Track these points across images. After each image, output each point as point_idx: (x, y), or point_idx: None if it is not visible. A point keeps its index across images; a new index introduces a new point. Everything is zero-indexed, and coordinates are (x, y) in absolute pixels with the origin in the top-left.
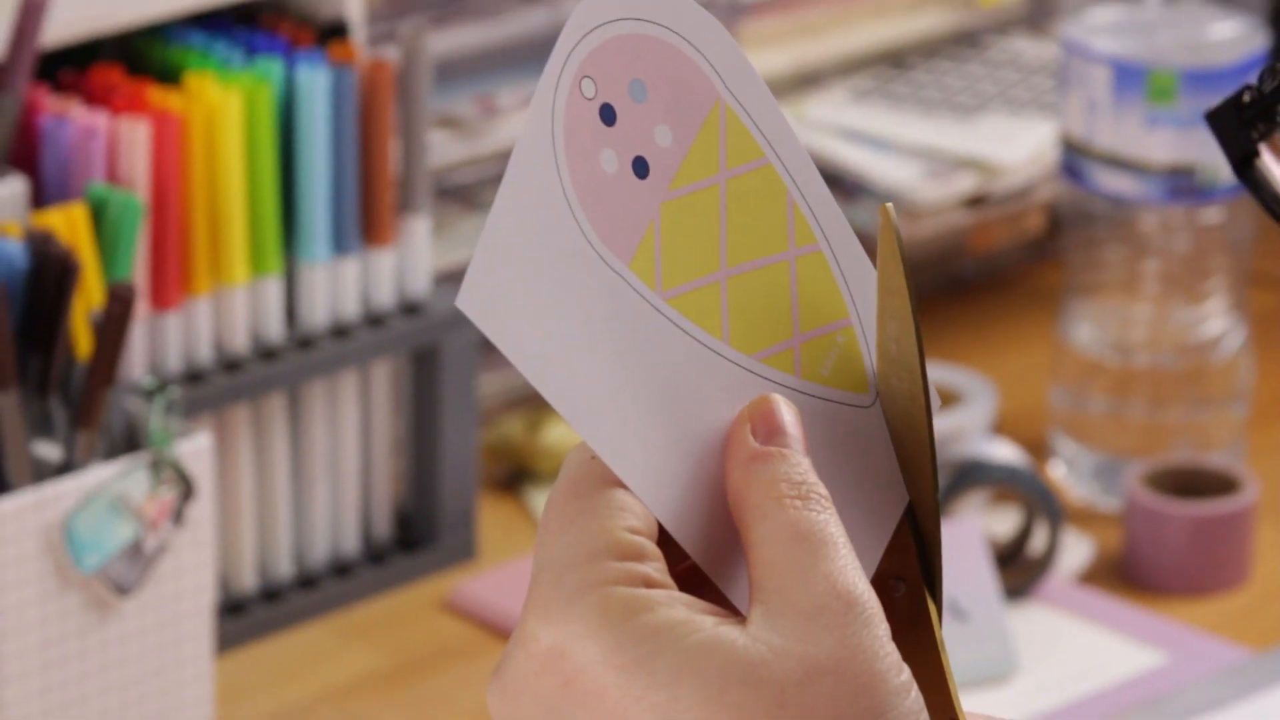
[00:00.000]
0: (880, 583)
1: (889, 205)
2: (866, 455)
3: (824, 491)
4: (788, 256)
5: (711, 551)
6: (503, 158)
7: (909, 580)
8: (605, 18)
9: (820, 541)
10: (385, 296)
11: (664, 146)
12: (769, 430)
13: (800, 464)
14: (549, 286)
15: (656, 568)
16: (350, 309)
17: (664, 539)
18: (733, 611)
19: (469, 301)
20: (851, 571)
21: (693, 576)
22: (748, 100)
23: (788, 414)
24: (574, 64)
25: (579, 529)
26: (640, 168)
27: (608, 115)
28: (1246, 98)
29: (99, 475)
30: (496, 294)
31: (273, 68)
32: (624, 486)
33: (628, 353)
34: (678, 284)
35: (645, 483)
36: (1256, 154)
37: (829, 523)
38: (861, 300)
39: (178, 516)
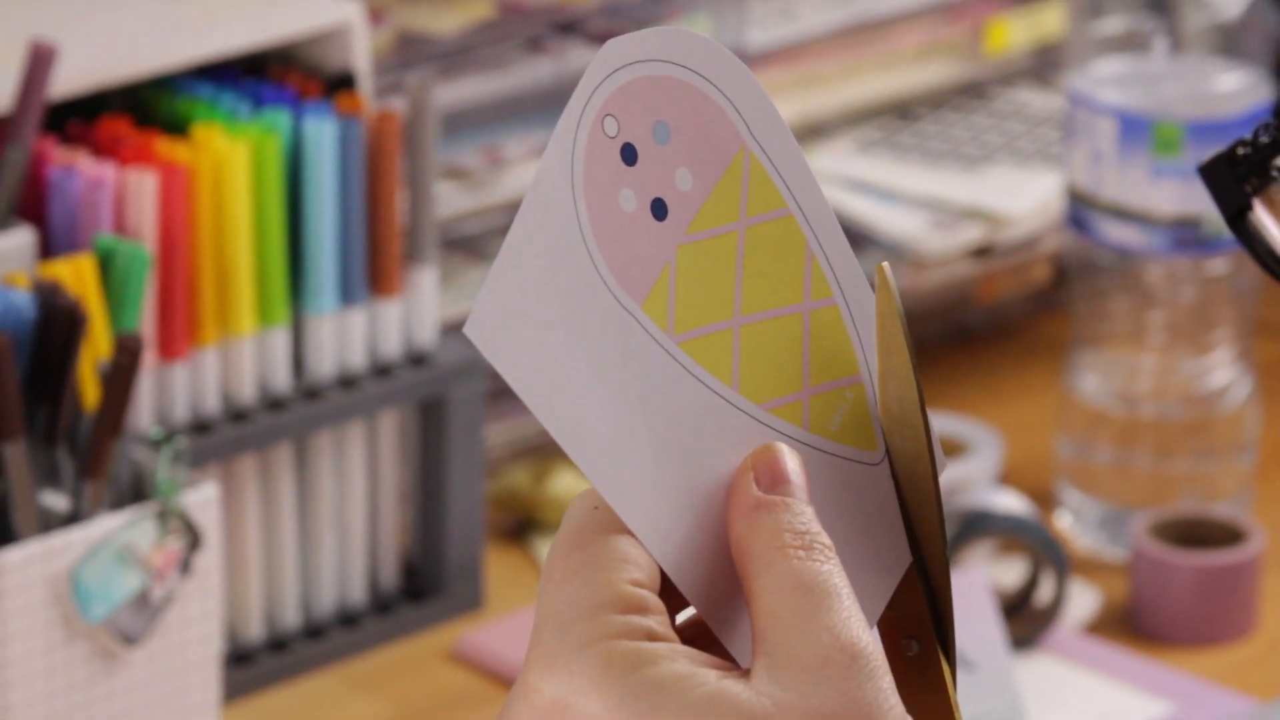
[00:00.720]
0: (893, 642)
1: (885, 265)
2: (872, 512)
3: (827, 541)
4: (802, 309)
5: (713, 601)
6: (510, 209)
7: (922, 639)
8: (632, 58)
9: (824, 593)
10: (392, 347)
11: (684, 190)
12: (772, 479)
13: (804, 513)
14: (560, 321)
15: (659, 621)
16: (357, 359)
17: (665, 587)
18: (736, 664)
19: (477, 329)
20: (855, 623)
21: (693, 625)
22: (773, 150)
23: (791, 462)
24: (598, 101)
25: (582, 581)
26: (659, 209)
27: (629, 155)
28: (1240, 151)
29: (106, 525)
30: (505, 324)
31: (280, 119)
32: (627, 535)
33: (636, 394)
34: (690, 328)
35: (648, 527)
36: (1250, 207)
37: (832, 573)
38: (874, 358)
39: (185, 566)
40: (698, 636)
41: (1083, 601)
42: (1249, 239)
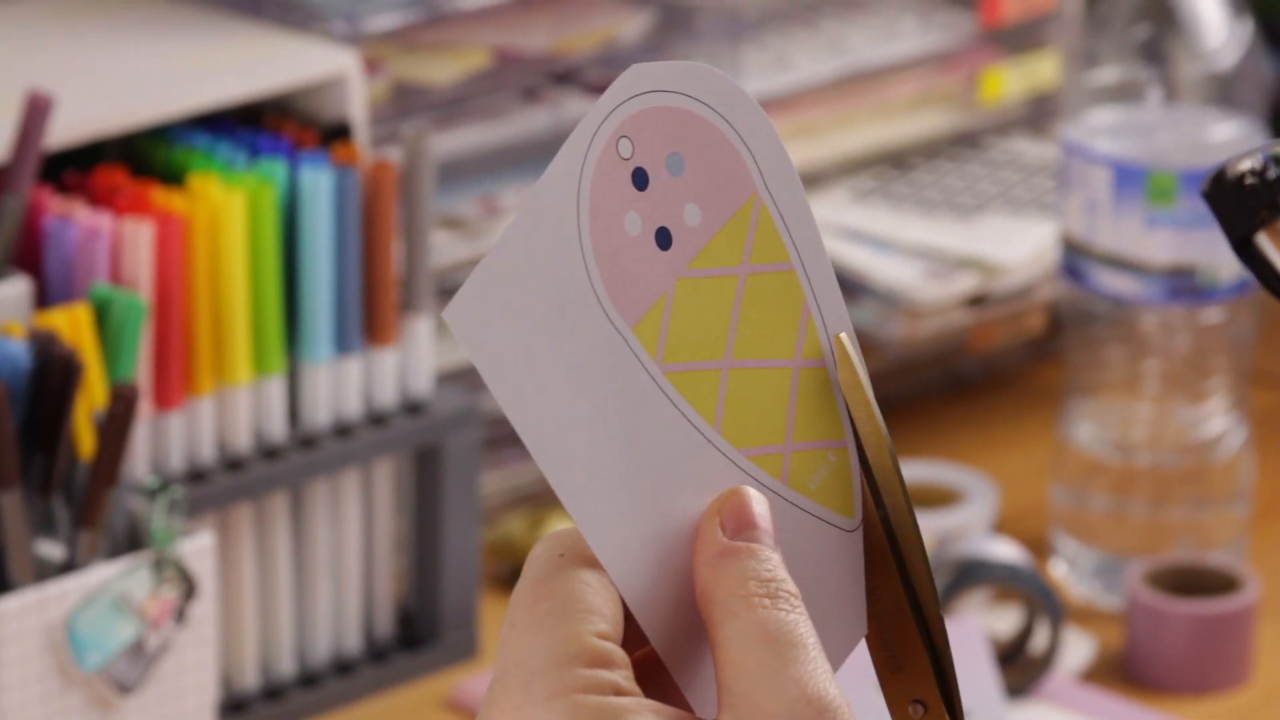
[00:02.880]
0: (900, 706)
1: (844, 336)
2: (839, 575)
3: (794, 589)
4: (793, 365)
5: (675, 645)
6: None
7: (928, 702)
8: (656, 86)
9: (789, 643)
10: (388, 396)
11: (691, 225)
12: (739, 524)
13: (770, 559)
14: (545, 325)
15: (624, 675)
16: (353, 408)
17: (628, 625)
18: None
19: (457, 315)
20: (822, 675)
21: (649, 658)
22: (784, 204)
23: (759, 507)
24: (615, 120)
25: (547, 632)
26: (664, 238)
27: (640, 180)
28: (1249, 182)
29: (101, 574)
30: (488, 315)
31: (276, 169)
32: (591, 584)
33: (615, 412)
34: (679, 360)
35: (612, 553)
36: (1256, 232)
37: (798, 623)
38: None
39: (180, 615)
40: (656, 671)
41: (1078, 650)
42: (1255, 263)
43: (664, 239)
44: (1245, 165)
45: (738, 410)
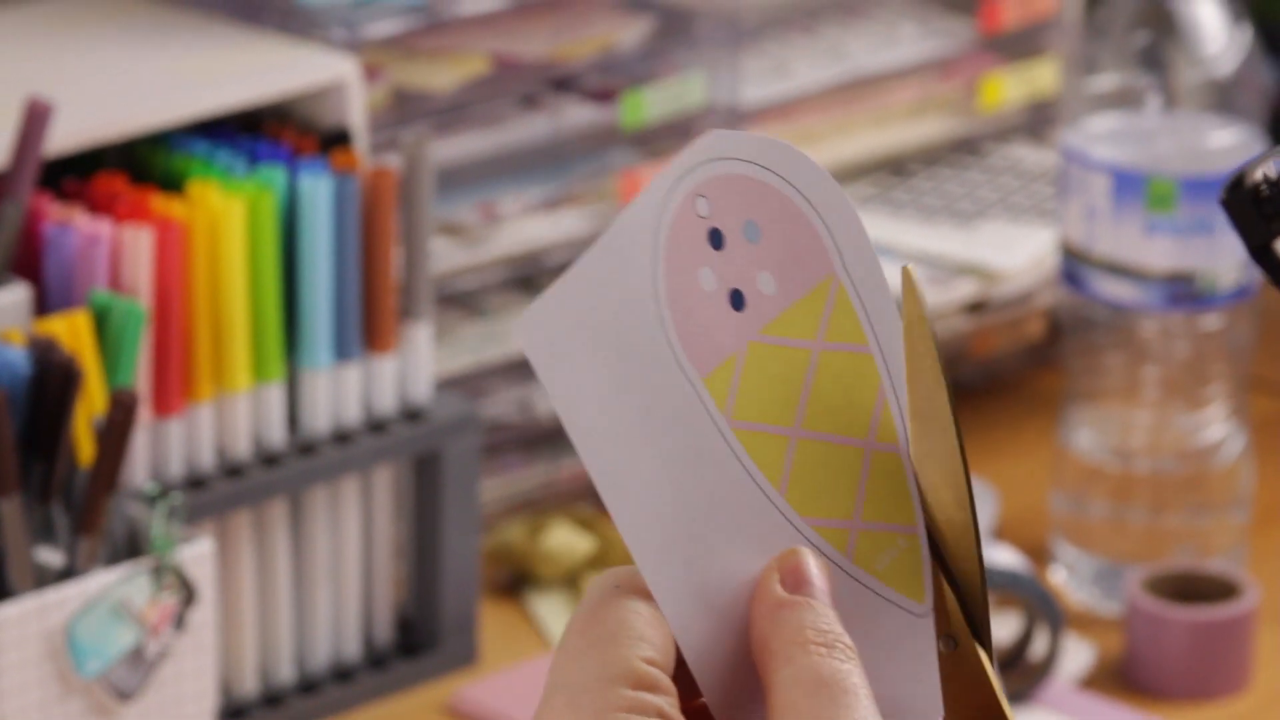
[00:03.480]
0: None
1: (911, 267)
2: (907, 659)
3: (850, 643)
4: (865, 445)
5: (724, 694)
6: (505, 264)
7: (958, 638)
8: (736, 154)
9: (843, 690)
10: (387, 402)
11: (765, 293)
12: (796, 581)
13: (826, 614)
14: (616, 357)
15: (669, 702)
16: (352, 415)
17: (677, 674)
18: None
19: (528, 330)
20: None
21: (701, 716)
22: (864, 288)
23: (815, 568)
24: (694, 179)
25: (597, 654)
26: (737, 300)
27: (716, 239)
28: (1264, 192)
29: (101, 581)
30: (557, 336)
31: (275, 176)
32: (645, 614)
33: (680, 456)
34: (748, 419)
35: (666, 594)
36: (1274, 239)
37: (852, 673)
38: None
39: (179, 622)
40: None
41: (1077, 656)
42: (1274, 268)
43: (737, 300)
44: (1260, 173)
45: (804, 479)
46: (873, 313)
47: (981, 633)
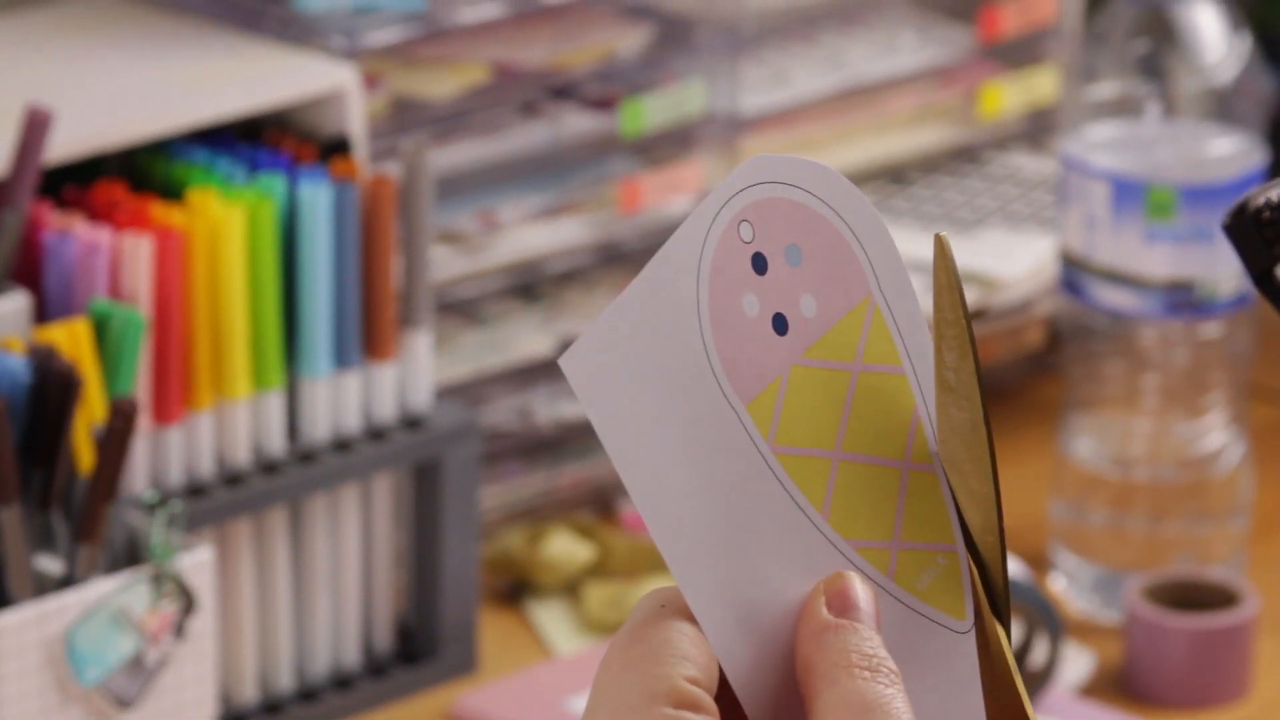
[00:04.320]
0: None
1: (944, 235)
2: (949, 677)
3: (894, 668)
4: (902, 466)
5: (768, 717)
6: (504, 272)
7: (979, 613)
8: (779, 178)
9: (885, 714)
10: (387, 410)
11: (807, 316)
12: (843, 605)
13: (872, 639)
14: (660, 387)
15: None
16: (352, 423)
17: (720, 697)
18: None
19: (573, 363)
20: None
21: None
22: (898, 311)
23: (862, 591)
24: (738, 205)
25: (640, 671)
26: (780, 324)
27: (759, 264)
28: (1266, 216)
29: (100, 589)
30: (604, 369)
31: (275, 184)
32: (688, 635)
33: (724, 483)
34: (790, 444)
35: (710, 618)
36: (1276, 264)
37: (896, 697)
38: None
39: (179, 630)
40: None
41: (1077, 664)
42: (1276, 296)
43: (780, 325)
44: (1263, 199)
45: (846, 501)
46: (906, 336)
47: (1000, 609)
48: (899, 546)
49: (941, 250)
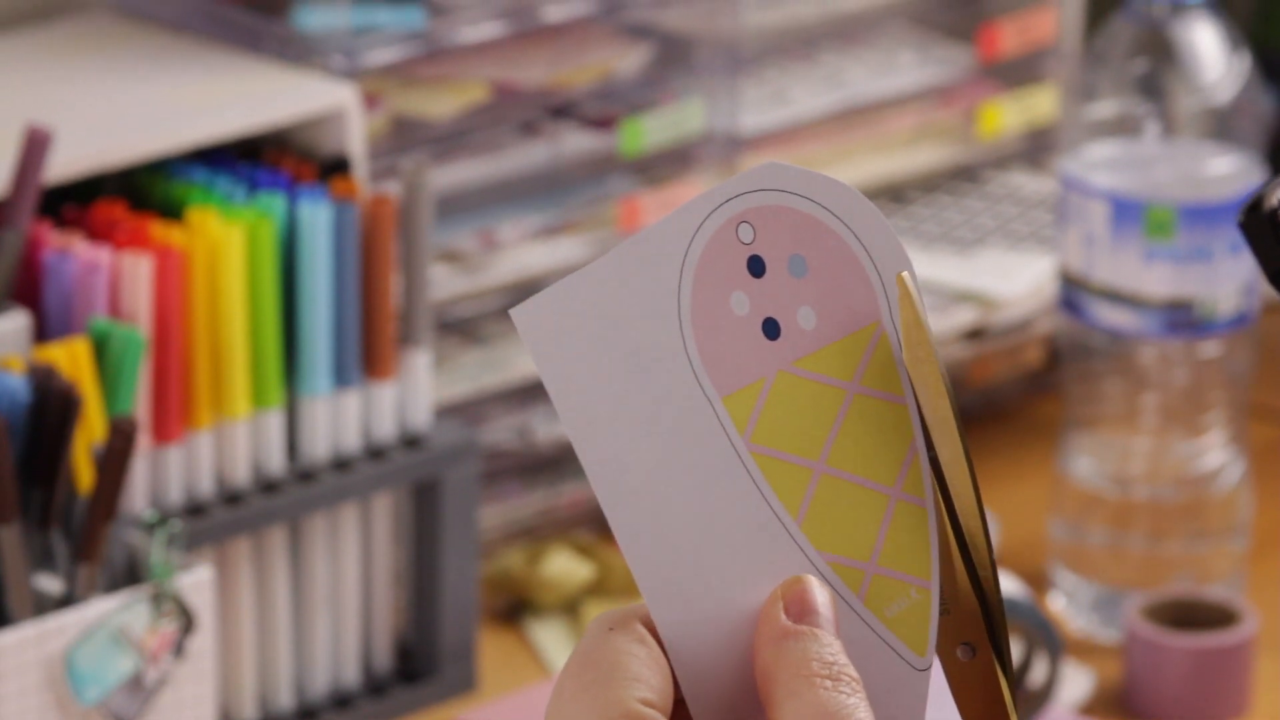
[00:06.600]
0: (948, 650)
1: (906, 275)
2: (902, 711)
3: (855, 674)
4: (890, 493)
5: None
6: (504, 291)
7: (977, 645)
8: (794, 189)
9: None
10: (386, 429)
11: (804, 327)
12: (801, 610)
13: (832, 644)
14: (623, 360)
15: None
16: (351, 442)
17: (676, 714)
18: None
19: (526, 317)
20: None
21: None
22: None
23: (821, 595)
24: (739, 205)
25: (592, 697)
26: (770, 328)
27: (756, 267)
28: None
29: (100, 608)
30: (562, 328)
31: (275, 203)
32: (639, 657)
33: (689, 467)
34: (769, 445)
35: (663, 602)
36: None
37: (858, 707)
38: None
39: (178, 649)
40: None
41: (1076, 683)
42: None
43: (771, 329)
44: (1277, 198)
45: (824, 513)
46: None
47: (1000, 642)
48: (875, 570)
49: (905, 290)
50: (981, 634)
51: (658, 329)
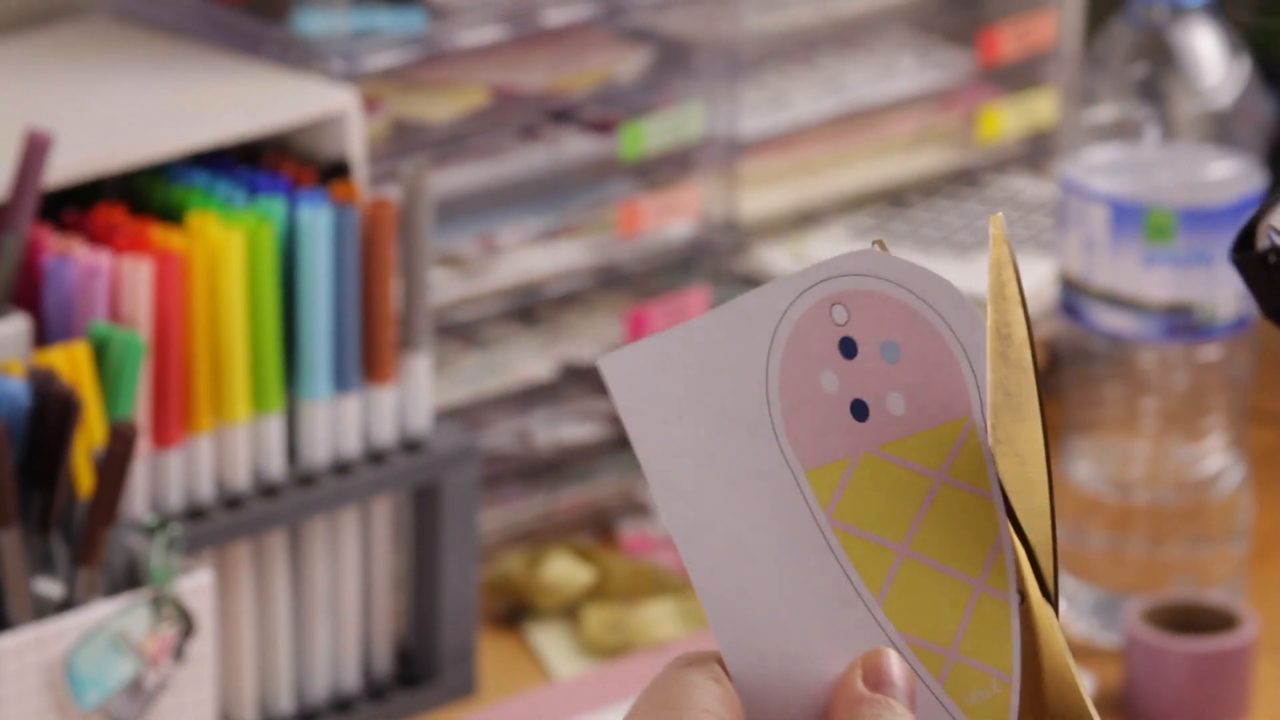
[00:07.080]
0: None
1: (1000, 216)
2: None
3: None
4: (974, 584)
5: None
6: (504, 295)
7: (1026, 593)
8: (892, 277)
9: None
10: (386, 433)
11: (893, 413)
12: (878, 680)
13: (905, 716)
14: (711, 419)
15: None
16: (351, 446)
17: None
18: None
19: (614, 367)
20: None
21: None
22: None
23: (899, 668)
24: (834, 286)
25: None
26: (859, 410)
27: (848, 348)
28: (1272, 260)
29: (100, 612)
30: (649, 380)
31: (275, 207)
32: (714, 692)
33: (770, 535)
34: (852, 523)
35: (740, 663)
36: None
37: None
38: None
39: (178, 653)
40: None
41: None
42: None
43: (859, 410)
44: (1268, 239)
45: (906, 595)
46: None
47: (1050, 592)
48: (955, 657)
49: (998, 230)
50: (1031, 582)
51: (745, 395)
